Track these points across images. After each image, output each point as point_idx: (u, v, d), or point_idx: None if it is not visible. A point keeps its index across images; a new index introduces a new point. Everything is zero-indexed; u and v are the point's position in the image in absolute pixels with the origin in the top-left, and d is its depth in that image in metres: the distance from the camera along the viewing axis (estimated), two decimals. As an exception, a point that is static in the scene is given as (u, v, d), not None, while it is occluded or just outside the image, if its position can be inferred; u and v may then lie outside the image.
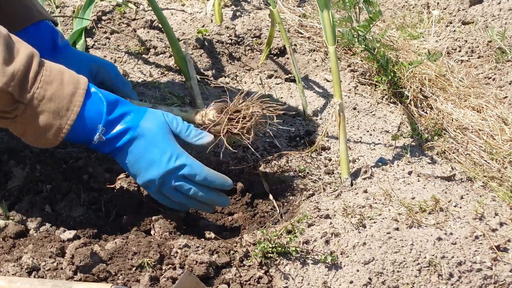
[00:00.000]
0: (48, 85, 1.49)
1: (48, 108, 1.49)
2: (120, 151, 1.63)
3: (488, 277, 1.64)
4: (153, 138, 1.63)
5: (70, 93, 1.52)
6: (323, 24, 1.90)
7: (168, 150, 1.63)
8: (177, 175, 1.64)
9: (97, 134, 1.57)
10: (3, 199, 1.74)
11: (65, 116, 1.52)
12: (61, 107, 1.51)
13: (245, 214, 1.88)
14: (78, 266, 1.51)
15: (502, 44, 2.79)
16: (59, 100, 1.50)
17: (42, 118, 1.49)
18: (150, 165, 1.63)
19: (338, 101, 1.91)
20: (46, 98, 1.48)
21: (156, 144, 1.63)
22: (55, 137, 1.53)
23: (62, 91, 1.51)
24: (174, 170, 1.64)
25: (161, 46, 2.59)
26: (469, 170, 2.02)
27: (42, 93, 1.48)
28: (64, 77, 1.52)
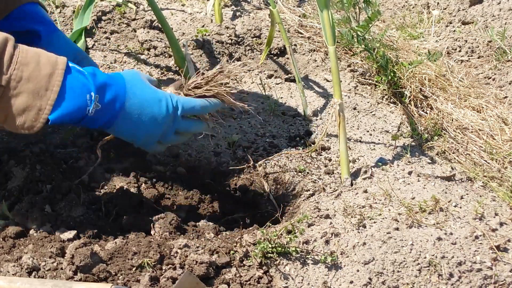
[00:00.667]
0: (24, 66, 1.48)
1: (27, 89, 1.47)
2: (116, 118, 1.62)
3: (488, 277, 1.64)
4: (143, 93, 1.65)
5: (48, 73, 1.50)
6: (323, 24, 1.90)
7: (162, 98, 1.67)
8: (178, 118, 1.68)
9: (93, 104, 1.55)
10: (3, 199, 1.74)
11: (45, 96, 1.49)
12: (40, 87, 1.49)
13: (245, 214, 1.88)
14: (78, 266, 1.51)
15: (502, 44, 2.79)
16: (37, 80, 1.48)
17: (21, 99, 1.48)
18: (152, 117, 1.64)
19: (338, 101, 1.91)
20: (24, 79, 1.47)
21: (149, 96, 1.65)
22: (37, 118, 1.50)
23: (39, 72, 1.49)
24: (174, 113, 1.67)
25: (161, 46, 2.59)
26: (469, 170, 2.02)
27: (19, 74, 1.47)
28: (41, 58, 1.51)
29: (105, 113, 1.59)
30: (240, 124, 2.22)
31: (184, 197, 1.94)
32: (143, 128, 1.65)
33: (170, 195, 1.93)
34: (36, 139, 1.98)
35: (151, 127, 1.65)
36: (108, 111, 1.60)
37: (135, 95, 1.63)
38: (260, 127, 2.21)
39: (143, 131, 1.65)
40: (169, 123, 1.67)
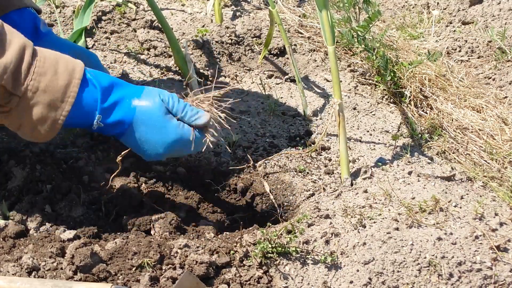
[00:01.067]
0: (41, 77, 1.47)
1: (43, 100, 1.48)
2: (121, 135, 1.65)
3: (488, 277, 1.64)
4: (152, 123, 1.63)
5: (65, 84, 1.50)
6: (322, 25, 1.90)
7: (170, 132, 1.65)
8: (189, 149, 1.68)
9: (95, 121, 1.58)
10: (3, 199, 1.74)
11: (60, 108, 1.51)
12: (56, 99, 1.50)
13: (245, 214, 1.88)
14: (78, 266, 1.51)
15: (502, 44, 2.79)
16: (53, 92, 1.49)
17: (36, 110, 1.48)
18: (155, 146, 1.64)
19: (338, 101, 1.91)
20: (40, 90, 1.47)
21: (156, 127, 1.63)
22: (51, 129, 1.52)
23: (56, 82, 1.49)
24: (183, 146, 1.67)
25: (161, 46, 2.59)
26: (469, 170, 2.02)
27: (36, 85, 1.47)
28: (59, 67, 1.51)
29: (108, 131, 1.62)
30: (240, 124, 2.22)
31: (184, 197, 1.93)
32: (146, 152, 1.67)
33: (170, 195, 1.93)
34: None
35: (153, 153, 1.67)
36: (110, 130, 1.62)
37: (143, 124, 1.63)
38: (260, 127, 2.21)
39: (145, 154, 1.68)
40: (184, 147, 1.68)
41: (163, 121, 1.63)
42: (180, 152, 1.71)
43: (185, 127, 1.65)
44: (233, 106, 2.34)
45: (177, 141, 1.64)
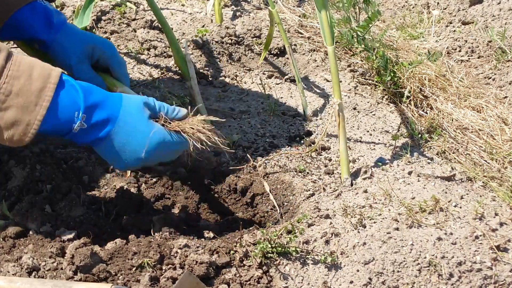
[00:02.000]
0: (15, 80, 1.46)
1: (16, 103, 1.46)
2: (102, 141, 1.60)
3: (488, 277, 1.64)
4: (136, 124, 1.61)
5: (39, 88, 1.48)
6: (321, 25, 1.90)
7: (152, 133, 1.61)
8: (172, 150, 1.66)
9: (79, 122, 1.54)
10: (3, 199, 1.74)
11: (34, 111, 1.48)
12: (29, 102, 1.48)
13: (245, 214, 1.88)
14: (78, 266, 1.51)
15: (502, 44, 2.79)
16: (27, 95, 1.47)
17: (10, 113, 1.47)
18: (135, 150, 1.60)
19: (338, 101, 1.91)
20: (13, 93, 1.46)
21: (140, 129, 1.60)
22: (24, 133, 1.49)
23: (30, 86, 1.48)
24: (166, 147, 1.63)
25: (161, 46, 2.59)
26: (469, 170, 2.02)
27: (9, 88, 1.45)
28: (34, 72, 1.49)
29: (90, 134, 1.58)
30: (240, 124, 2.22)
31: (184, 197, 1.94)
32: (122, 160, 1.62)
33: (170, 195, 1.93)
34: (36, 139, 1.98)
35: (130, 161, 1.62)
36: (93, 133, 1.58)
37: (126, 125, 1.60)
38: (260, 127, 2.21)
39: (122, 163, 1.63)
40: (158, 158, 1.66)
41: (147, 122, 1.62)
42: (162, 157, 1.67)
43: (170, 131, 1.64)
44: (233, 106, 2.34)
45: (161, 144, 1.61)
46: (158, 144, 1.61)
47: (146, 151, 1.60)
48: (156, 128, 1.62)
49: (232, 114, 2.29)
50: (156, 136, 1.61)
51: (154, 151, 1.61)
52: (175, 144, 1.64)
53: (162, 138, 1.62)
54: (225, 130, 2.17)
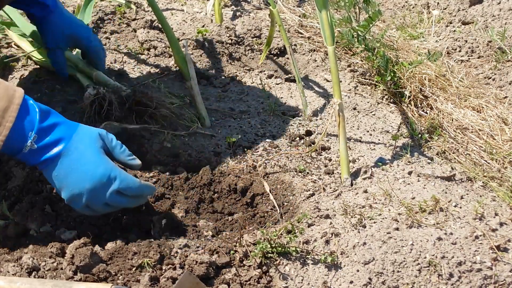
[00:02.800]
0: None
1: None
2: (51, 163, 1.57)
3: (488, 277, 1.64)
4: (85, 151, 1.58)
5: (3, 108, 1.47)
6: (322, 25, 1.90)
7: (101, 164, 1.58)
8: (111, 190, 1.58)
9: (29, 141, 1.52)
10: (3, 199, 1.74)
11: None
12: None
13: (245, 214, 1.88)
14: (78, 266, 1.51)
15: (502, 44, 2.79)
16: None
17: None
18: (82, 178, 1.56)
19: (338, 101, 1.91)
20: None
21: (89, 158, 1.58)
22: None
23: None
24: (107, 183, 1.58)
25: (161, 46, 2.59)
26: (469, 170, 2.02)
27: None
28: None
29: (38, 155, 1.55)
30: (240, 124, 2.22)
31: (184, 197, 1.93)
32: (69, 186, 1.57)
33: (170, 195, 1.93)
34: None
35: (76, 189, 1.57)
36: (41, 154, 1.55)
37: (75, 150, 1.57)
38: (260, 127, 2.21)
39: (68, 189, 1.58)
40: (99, 194, 1.58)
41: (98, 153, 1.59)
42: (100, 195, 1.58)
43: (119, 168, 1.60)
44: (233, 106, 2.34)
45: (106, 177, 1.57)
46: (104, 176, 1.56)
47: (93, 182, 1.55)
48: (106, 161, 1.59)
49: (232, 114, 2.29)
50: (103, 167, 1.57)
51: (99, 184, 1.56)
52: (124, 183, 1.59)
53: (109, 171, 1.58)
54: (225, 130, 2.17)
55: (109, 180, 1.57)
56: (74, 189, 1.57)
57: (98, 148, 1.60)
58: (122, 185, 1.59)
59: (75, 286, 1.45)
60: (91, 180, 1.56)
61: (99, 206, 1.60)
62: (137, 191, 1.62)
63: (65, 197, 1.59)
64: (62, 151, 1.56)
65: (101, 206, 1.60)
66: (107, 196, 1.58)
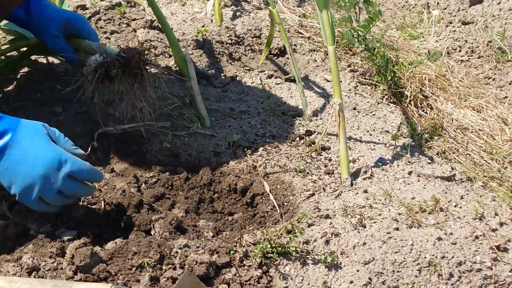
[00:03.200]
0: None
1: None
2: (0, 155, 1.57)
3: (488, 277, 1.64)
4: (33, 139, 1.58)
5: None
6: (322, 25, 1.90)
7: (51, 149, 1.59)
8: (63, 174, 1.58)
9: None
10: (3, 199, 1.74)
11: None
12: None
13: (245, 214, 1.88)
14: (78, 266, 1.51)
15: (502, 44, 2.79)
16: None
17: None
18: (34, 164, 1.56)
19: (338, 101, 1.91)
20: None
21: (38, 144, 1.58)
22: None
23: None
24: (59, 167, 1.58)
25: (161, 46, 2.59)
26: (469, 170, 2.02)
27: None
28: None
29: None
30: (240, 124, 2.22)
31: (184, 197, 1.93)
32: (20, 176, 1.57)
33: (170, 195, 1.93)
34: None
35: (28, 177, 1.57)
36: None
37: (22, 140, 1.57)
38: (260, 127, 2.21)
39: (19, 179, 1.57)
40: (51, 179, 1.57)
41: (47, 139, 1.60)
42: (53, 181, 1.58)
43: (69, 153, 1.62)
44: (233, 106, 2.34)
45: (57, 161, 1.57)
46: (55, 160, 1.57)
47: (45, 167, 1.56)
48: (55, 146, 1.60)
49: (232, 114, 2.29)
50: (55, 152, 1.58)
51: (51, 169, 1.56)
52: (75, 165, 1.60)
53: (59, 154, 1.58)
54: (225, 130, 2.17)
55: (60, 163, 1.57)
56: (26, 179, 1.56)
57: (45, 135, 1.61)
58: (73, 168, 1.59)
59: (75, 286, 1.45)
60: (43, 165, 1.56)
61: (52, 195, 1.59)
62: (88, 174, 1.62)
63: (16, 191, 1.58)
64: (9, 141, 1.57)
65: (54, 195, 1.60)
66: (60, 182, 1.57)
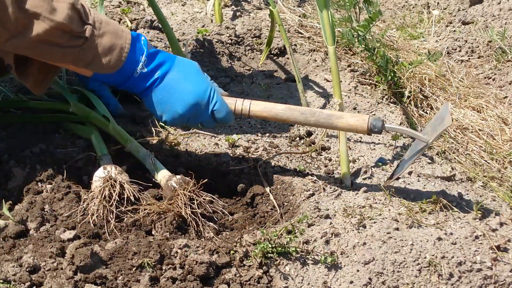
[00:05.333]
0: (99, 15, 1.65)
1: (108, 30, 1.64)
2: (157, 85, 1.74)
3: (488, 277, 1.64)
4: (189, 70, 1.78)
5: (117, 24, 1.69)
6: (323, 24, 1.90)
7: (204, 82, 1.77)
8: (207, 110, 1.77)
9: (140, 64, 1.70)
10: (3, 199, 1.74)
11: (123, 37, 1.66)
12: (117, 29, 1.66)
13: (245, 214, 1.88)
14: (78, 266, 1.51)
15: (502, 44, 2.79)
16: (113, 24, 1.67)
17: (106, 39, 1.63)
18: (183, 97, 1.74)
19: (338, 101, 1.91)
20: (104, 22, 1.64)
21: (192, 76, 1.77)
22: (119, 57, 1.66)
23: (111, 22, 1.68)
24: (208, 101, 1.76)
25: (161, 46, 2.59)
26: (469, 170, 2.02)
27: (99, 18, 1.64)
28: None
29: (148, 78, 1.73)
30: (240, 124, 2.22)
31: (184, 197, 1.93)
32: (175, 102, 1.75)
33: (170, 195, 1.93)
34: (36, 139, 1.98)
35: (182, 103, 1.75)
36: (150, 77, 1.73)
37: (182, 69, 1.76)
38: (260, 127, 2.21)
39: (172, 106, 1.76)
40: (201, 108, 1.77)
41: (199, 73, 1.78)
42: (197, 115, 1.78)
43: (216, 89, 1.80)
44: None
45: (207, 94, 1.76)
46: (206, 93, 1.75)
47: (194, 97, 1.74)
48: (208, 81, 1.79)
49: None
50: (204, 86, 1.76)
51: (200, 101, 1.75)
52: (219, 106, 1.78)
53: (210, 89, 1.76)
54: (225, 130, 2.17)
55: (210, 97, 1.77)
56: (179, 107, 1.75)
57: (199, 70, 1.80)
58: (217, 108, 1.78)
59: None
60: (197, 94, 1.75)
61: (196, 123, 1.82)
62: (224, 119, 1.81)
63: (167, 117, 1.78)
64: (168, 69, 1.75)
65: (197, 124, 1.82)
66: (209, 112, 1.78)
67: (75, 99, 2.03)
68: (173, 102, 1.75)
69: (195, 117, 1.78)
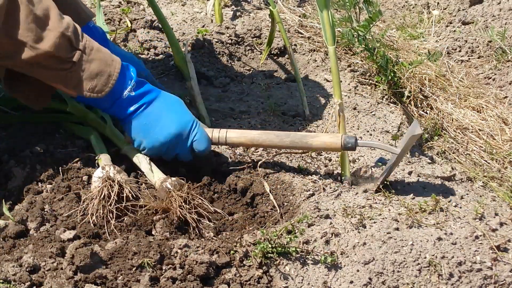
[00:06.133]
0: (91, 42, 1.72)
1: (98, 57, 1.71)
2: (142, 110, 1.80)
3: (488, 277, 1.64)
4: (174, 101, 1.86)
5: (109, 52, 1.76)
6: (323, 25, 1.90)
7: (188, 113, 1.86)
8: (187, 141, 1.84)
9: (129, 87, 1.77)
10: (3, 199, 1.74)
11: (112, 65, 1.73)
12: (107, 57, 1.73)
13: (245, 214, 1.88)
14: (78, 266, 1.51)
15: (502, 44, 2.79)
16: (104, 52, 1.73)
17: (94, 65, 1.70)
18: (171, 122, 1.81)
19: (338, 101, 1.91)
20: (95, 49, 1.71)
21: (177, 107, 1.85)
22: (106, 83, 1.72)
23: (103, 49, 1.74)
24: (189, 131, 1.83)
25: (161, 46, 2.59)
26: (469, 170, 2.02)
27: (90, 45, 1.71)
28: None
29: (135, 102, 1.79)
30: (240, 124, 2.22)
31: (184, 197, 1.93)
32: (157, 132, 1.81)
33: (170, 195, 1.93)
34: (36, 139, 1.99)
35: (167, 129, 1.81)
36: (137, 100, 1.79)
37: (168, 99, 1.85)
38: (260, 127, 2.21)
39: (154, 135, 1.81)
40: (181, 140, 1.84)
41: (182, 105, 1.86)
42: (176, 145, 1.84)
43: None
44: (233, 106, 2.34)
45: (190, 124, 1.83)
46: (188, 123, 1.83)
47: (177, 127, 1.81)
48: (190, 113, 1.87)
49: (232, 114, 2.29)
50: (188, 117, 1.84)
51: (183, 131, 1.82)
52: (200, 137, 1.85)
53: (193, 120, 1.84)
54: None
55: (192, 128, 1.84)
56: (161, 136, 1.82)
57: (183, 102, 1.88)
58: (197, 137, 1.85)
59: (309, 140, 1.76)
60: (179, 124, 1.83)
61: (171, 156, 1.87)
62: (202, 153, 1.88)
63: (147, 144, 1.84)
64: (155, 97, 1.82)
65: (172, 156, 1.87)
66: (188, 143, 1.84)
67: (73, 99, 2.04)
68: (156, 130, 1.81)
69: (174, 147, 1.84)
